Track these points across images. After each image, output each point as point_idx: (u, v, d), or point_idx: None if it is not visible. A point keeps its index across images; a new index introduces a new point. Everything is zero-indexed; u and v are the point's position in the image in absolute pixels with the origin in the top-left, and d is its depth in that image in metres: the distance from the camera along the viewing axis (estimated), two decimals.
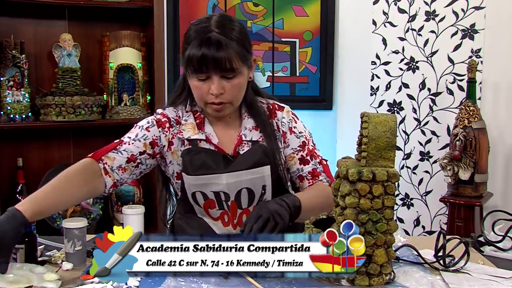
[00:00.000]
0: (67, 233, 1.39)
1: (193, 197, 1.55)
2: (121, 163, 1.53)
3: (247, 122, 1.60)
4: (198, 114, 1.60)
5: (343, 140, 3.00)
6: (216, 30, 1.45)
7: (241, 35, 1.49)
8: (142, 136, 1.56)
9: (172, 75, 3.06)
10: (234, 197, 1.54)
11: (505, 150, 2.87)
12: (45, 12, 2.63)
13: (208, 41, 1.44)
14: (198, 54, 1.45)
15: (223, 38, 1.44)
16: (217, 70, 1.45)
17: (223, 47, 1.43)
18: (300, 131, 1.63)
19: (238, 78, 1.48)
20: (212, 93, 1.47)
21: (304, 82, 3.14)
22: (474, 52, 2.87)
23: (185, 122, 1.59)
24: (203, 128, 1.58)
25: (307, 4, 3.10)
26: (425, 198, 3.01)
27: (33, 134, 2.63)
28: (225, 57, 1.43)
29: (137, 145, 1.55)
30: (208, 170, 1.52)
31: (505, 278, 1.29)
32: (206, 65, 1.44)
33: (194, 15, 3.08)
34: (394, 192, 1.21)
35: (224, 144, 1.57)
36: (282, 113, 1.64)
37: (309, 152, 1.62)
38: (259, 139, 1.58)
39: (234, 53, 1.45)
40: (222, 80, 1.47)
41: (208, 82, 1.47)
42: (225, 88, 1.47)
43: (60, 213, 2.60)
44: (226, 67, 1.44)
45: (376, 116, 1.24)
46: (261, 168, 1.53)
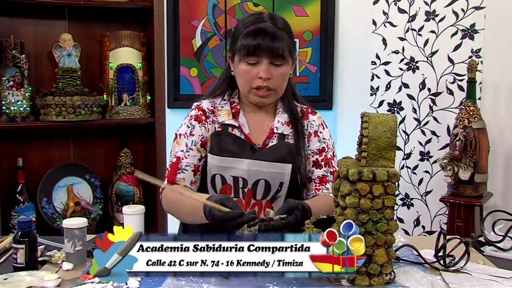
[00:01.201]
0: (67, 233, 1.39)
1: (212, 180, 1.60)
2: (191, 179, 1.63)
3: (281, 116, 1.67)
4: (235, 105, 1.68)
5: (343, 140, 3.00)
6: (269, 21, 1.58)
7: (290, 30, 1.62)
8: (191, 143, 1.64)
9: (172, 75, 3.06)
10: (251, 186, 1.59)
11: (505, 150, 2.87)
12: (45, 12, 2.62)
13: (263, 29, 1.55)
14: (254, 40, 1.55)
15: (275, 27, 1.56)
16: (269, 56, 1.55)
17: (277, 35, 1.55)
18: (324, 137, 1.71)
19: (285, 67, 1.59)
20: (260, 76, 1.56)
21: (304, 82, 3.14)
22: (474, 52, 2.87)
23: (221, 108, 1.67)
24: (237, 118, 1.66)
25: (307, 4, 3.10)
26: (425, 198, 3.01)
27: (33, 134, 2.63)
28: (279, 44, 1.55)
29: (193, 155, 1.63)
30: (232, 154, 1.58)
31: (506, 278, 1.29)
32: (260, 50, 1.54)
33: (194, 15, 3.08)
34: (394, 192, 1.21)
35: (254, 136, 1.64)
36: (314, 117, 1.73)
37: (325, 159, 1.68)
38: (290, 134, 1.65)
39: (286, 43, 1.57)
40: (271, 66, 1.56)
41: (257, 67, 1.57)
42: (273, 74, 1.57)
43: (60, 213, 2.60)
44: (278, 53, 1.55)
45: (376, 116, 1.24)
46: (283, 164, 1.59)
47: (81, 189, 2.68)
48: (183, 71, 3.11)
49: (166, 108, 2.81)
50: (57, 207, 2.61)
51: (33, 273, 1.29)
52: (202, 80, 3.12)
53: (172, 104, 3.04)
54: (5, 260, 1.45)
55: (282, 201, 1.60)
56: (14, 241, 1.35)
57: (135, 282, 1.21)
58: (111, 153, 2.80)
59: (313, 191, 1.66)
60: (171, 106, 3.01)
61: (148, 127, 2.75)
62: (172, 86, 3.06)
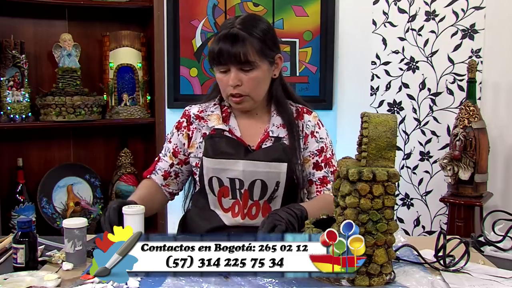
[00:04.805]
0: (67, 233, 1.39)
1: (209, 183, 1.60)
2: (161, 182, 1.71)
3: (275, 119, 1.66)
4: (225, 108, 1.68)
5: (343, 140, 3.00)
6: (237, 26, 1.55)
7: (263, 32, 1.57)
8: (167, 150, 1.72)
9: (172, 75, 3.05)
10: (248, 186, 1.58)
11: (505, 150, 2.87)
12: (45, 12, 2.63)
13: (226, 36, 1.53)
14: (216, 47, 1.54)
15: (241, 33, 1.53)
16: (234, 63, 1.53)
17: (239, 41, 1.52)
18: (321, 137, 1.68)
19: (255, 71, 1.56)
20: (229, 84, 1.55)
21: (304, 82, 3.14)
22: (474, 52, 2.86)
23: (211, 113, 1.68)
24: (227, 121, 1.66)
25: (307, 4, 3.10)
26: (425, 198, 3.01)
27: (33, 134, 2.63)
28: (241, 50, 1.52)
29: (166, 160, 1.71)
30: (227, 155, 1.59)
31: (506, 278, 1.29)
32: (223, 58, 1.53)
33: (194, 15, 3.08)
34: (394, 192, 1.21)
35: (247, 138, 1.64)
36: (309, 117, 1.70)
37: (325, 159, 1.67)
38: (285, 136, 1.64)
39: (251, 47, 1.53)
40: (240, 72, 1.55)
41: (229, 74, 1.56)
42: (242, 80, 1.56)
43: (60, 213, 2.60)
44: (241, 60, 1.52)
45: (376, 116, 1.24)
46: (278, 164, 1.58)
47: (81, 189, 2.68)
48: (183, 71, 3.11)
49: (166, 108, 2.81)
50: (57, 207, 2.61)
51: (33, 273, 1.29)
52: (202, 80, 3.12)
53: (172, 104, 3.03)
54: (5, 260, 1.45)
55: (279, 201, 1.60)
56: (14, 241, 1.35)
57: (135, 282, 1.21)
58: (111, 153, 2.80)
59: (314, 194, 1.66)
60: (171, 106, 3.01)
61: (148, 127, 2.75)
62: (172, 86, 3.05)
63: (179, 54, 3.09)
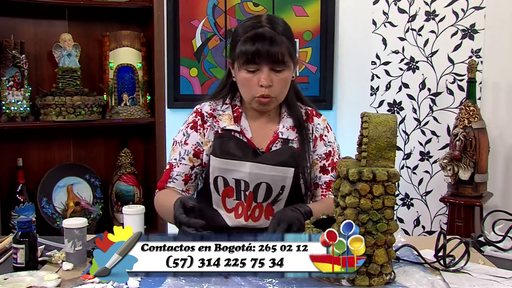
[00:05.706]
0: (67, 233, 1.39)
1: (215, 182, 1.59)
2: (182, 187, 1.65)
3: (285, 121, 1.66)
4: (237, 108, 1.66)
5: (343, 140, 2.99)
6: (267, 25, 1.53)
7: (289, 32, 1.58)
8: (184, 152, 1.64)
9: (172, 75, 3.05)
10: (253, 188, 1.58)
11: (505, 150, 2.87)
12: (45, 12, 2.63)
13: (262, 35, 1.51)
14: (252, 47, 1.51)
15: (274, 32, 1.52)
16: (268, 62, 1.51)
17: (276, 40, 1.51)
18: (329, 141, 1.68)
19: (286, 72, 1.55)
20: (261, 84, 1.53)
21: (304, 82, 3.14)
22: (474, 52, 2.86)
23: (223, 113, 1.66)
24: (239, 122, 1.64)
25: (307, 4, 3.10)
26: (425, 198, 3.01)
27: (33, 134, 2.63)
28: (279, 50, 1.51)
29: (185, 164, 1.64)
30: (235, 157, 1.57)
31: (506, 278, 1.29)
32: (259, 57, 1.51)
33: (194, 15, 3.08)
34: (395, 192, 1.21)
35: (258, 140, 1.63)
36: (318, 120, 1.70)
37: (332, 163, 1.67)
38: (294, 139, 1.63)
39: (285, 47, 1.53)
40: (271, 72, 1.53)
41: (258, 74, 1.53)
42: (273, 80, 1.54)
43: (60, 213, 2.60)
44: (278, 59, 1.51)
45: (376, 116, 1.24)
46: (285, 168, 1.57)
47: (81, 189, 2.68)
48: (183, 71, 3.11)
49: (166, 108, 2.81)
50: (57, 207, 2.61)
51: (33, 273, 1.29)
52: (202, 80, 3.12)
53: (172, 104, 3.03)
54: (5, 260, 1.45)
55: (283, 204, 1.60)
56: (14, 241, 1.35)
57: (135, 282, 1.21)
58: (111, 153, 2.80)
59: (319, 197, 1.66)
60: (171, 106, 3.01)
61: (148, 127, 2.75)
62: (172, 86, 3.05)
63: (179, 54, 3.09)
